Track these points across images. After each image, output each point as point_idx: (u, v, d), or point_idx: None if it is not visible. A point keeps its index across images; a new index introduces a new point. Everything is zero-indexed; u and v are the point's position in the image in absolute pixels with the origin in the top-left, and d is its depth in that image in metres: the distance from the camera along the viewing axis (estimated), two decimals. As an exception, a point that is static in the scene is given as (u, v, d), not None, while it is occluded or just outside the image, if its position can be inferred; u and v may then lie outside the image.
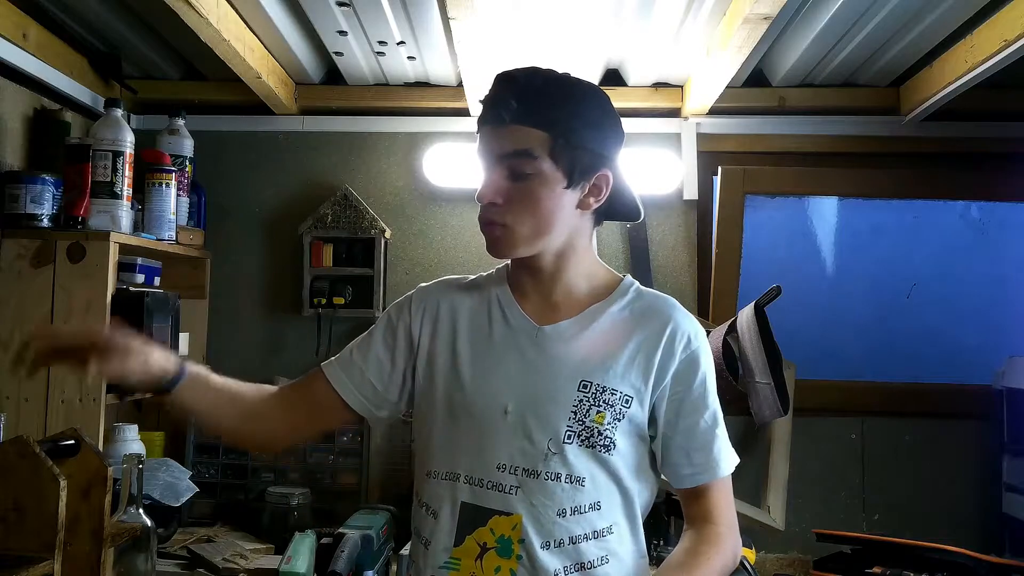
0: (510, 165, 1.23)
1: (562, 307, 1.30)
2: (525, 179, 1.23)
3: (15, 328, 2.06)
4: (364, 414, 1.36)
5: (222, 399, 1.34)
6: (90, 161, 2.11)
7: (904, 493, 2.59)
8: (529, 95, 1.23)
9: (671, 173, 2.64)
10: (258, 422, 1.38)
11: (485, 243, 1.29)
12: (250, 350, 2.71)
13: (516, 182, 1.23)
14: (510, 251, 1.28)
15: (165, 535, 2.15)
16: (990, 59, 2.00)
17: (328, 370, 1.37)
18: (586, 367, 1.25)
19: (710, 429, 1.27)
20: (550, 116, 1.23)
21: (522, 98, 1.22)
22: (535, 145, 1.22)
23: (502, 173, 1.24)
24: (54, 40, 2.24)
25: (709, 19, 2.11)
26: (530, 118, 1.22)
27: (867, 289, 2.78)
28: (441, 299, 1.35)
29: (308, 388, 1.38)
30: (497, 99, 1.24)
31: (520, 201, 1.24)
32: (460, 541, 1.22)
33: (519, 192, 1.23)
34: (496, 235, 1.26)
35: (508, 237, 1.25)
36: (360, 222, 2.63)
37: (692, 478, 1.27)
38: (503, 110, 1.22)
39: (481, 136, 1.27)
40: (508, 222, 1.24)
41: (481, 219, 1.27)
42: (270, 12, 2.14)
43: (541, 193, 1.23)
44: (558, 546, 1.21)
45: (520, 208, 1.24)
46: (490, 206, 1.25)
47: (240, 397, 1.36)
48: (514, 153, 1.22)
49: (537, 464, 1.21)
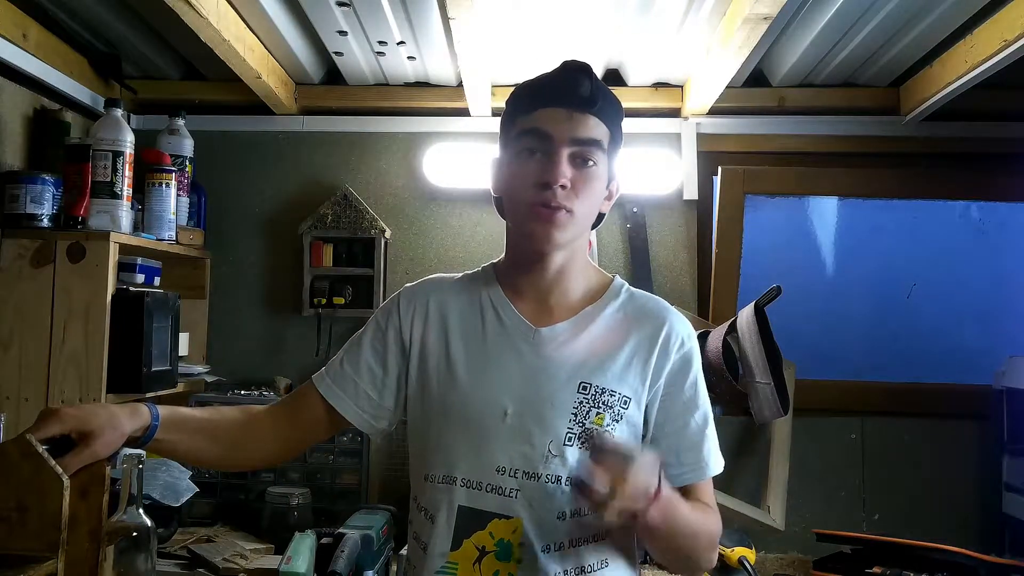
0: (582, 152, 1.22)
1: (557, 309, 1.29)
2: (589, 167, 1.22)
3: (15, 328, 2.06)
4: (364, 429, 1.34)
5: (200, 438, 1.30)
6: (90, 161, 2.11)
7: (904, 493, 2.59)
8: (602, 90, 1.24)
9: (671, 173, 2.64)
10: (246, 449, 1.35)
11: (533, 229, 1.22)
12: (250, 350, 2.71)
13: (579, 169, 1.22)
14: (565, 239, 1.24)
15: (165, 535, 2.15)
16: (990, 59, 2.00)
17: (321, 385, 1.34)
18: (585, 369, 1.24)
19: (700, 430, 1.27)
20: (614, 114, 1.26)
21: (598, 91, 1.23)
22: (603, 138, 1.23)
23: (568, 158, 1.22)
24: (54, 40, 2.24)
25: (709, 19, 2.11)
26: (604, 112, 1.23)
27: (867, 289, 2.78)
28: (430, 298, 1.33)
29: (302, 404, 1.35)
30: (576, 85, 1.22)
31: (585, 189, 1.22)
32: (457, 545, 1.21)
33: (584, 180, 1.22)
34: (560, 219, 1.21)
35: (569, 224, 1.22)
36: (360, 222, 2.63)
37: (680, 478, 1.26)
38: (585, 96, 1.22)
39: (546, 117, 1.23)
40: (573, 207, 1.22)
41: (543, 200, 1.21)
42: (270, 12, 2.14)
43: (598, 186, 1.25)
44: (558, 549, 1.20)
45: (584, 196, 1.22)
46: (561, 188, 1.21)
47: (221, 430, 1.33)
48: (590, 141, 1.22)
49: (537, 467, 1.20)
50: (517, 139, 1.25)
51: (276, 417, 1.35)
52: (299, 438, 1.38)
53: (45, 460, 1.09)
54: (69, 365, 2.05)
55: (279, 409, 1.37)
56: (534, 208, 1.22)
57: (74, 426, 1.15)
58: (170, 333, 2.28)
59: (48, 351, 2.05)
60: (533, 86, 1.27)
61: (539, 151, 1.22)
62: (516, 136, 1.25)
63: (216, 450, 1.32)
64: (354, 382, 1.32)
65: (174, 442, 1.27)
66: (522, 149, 1.24)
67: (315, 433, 1.38)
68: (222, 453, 1.33)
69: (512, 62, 2.46)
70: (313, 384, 1.35)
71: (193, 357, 2.61)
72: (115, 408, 1.21)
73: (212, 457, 1.35)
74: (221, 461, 1.41)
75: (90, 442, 1.15)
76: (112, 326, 2.07)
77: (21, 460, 1.09)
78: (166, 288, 2.44)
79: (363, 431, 1.35)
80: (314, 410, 1.34)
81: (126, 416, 1.20)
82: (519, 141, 1.24)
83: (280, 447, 1.37)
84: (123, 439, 1.19)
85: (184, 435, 1.28)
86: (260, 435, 1.35)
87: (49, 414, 1.15)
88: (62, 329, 2.05)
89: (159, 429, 1.23)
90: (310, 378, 1.37)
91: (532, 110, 1.24)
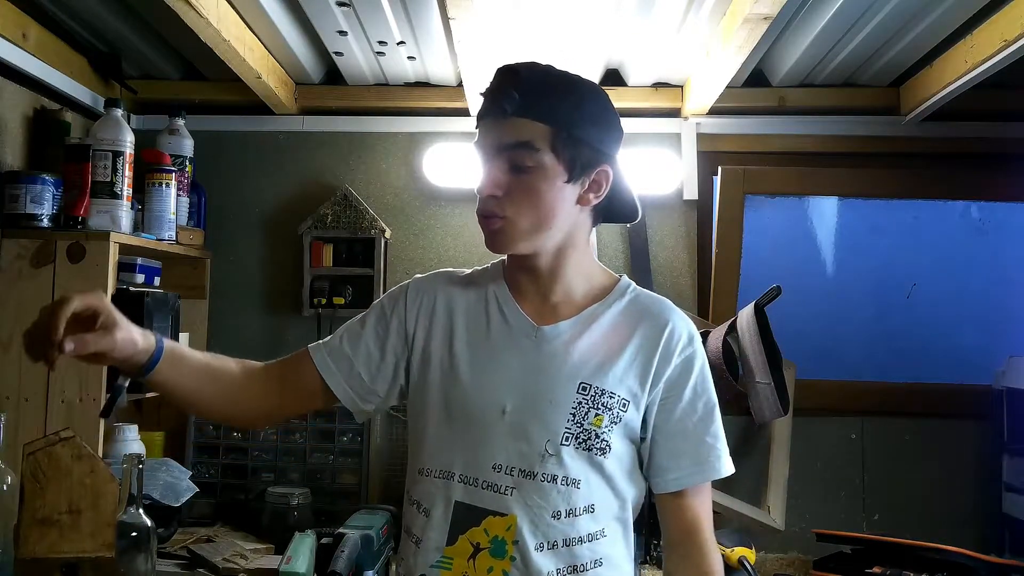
0: (511, 157, 1.22)
1: (561, 307, 1.29)
2: (526, 172, 1.21)
3: (15, 328, 2.06)
4: (349, 406, 1.34)
5: (203, 377, 1.29)
6: (90, 161, 2.11)
7: (904, 493, 2.59)
8: (531, 88, 1.22)
9: (671, 173, 2.64)
10: (240, 401, 1.34)
11: (484, 237, 1.27)
12: (250, 350, 2.65)
13: (517, 175, 1.22)
14: (510, 245, 1.25)
15: (165, 535, 2.15)
16: (990, 59, 2.00)
17: (316, 356, 1.33)
18: (586, 369, 1.24)
19: (700, 432, 1.27)
20: (552, 109, 1.21)
21: (524, 90, 1.21)
22: (537, 137, 1.21)
23: (502, 166, 1.22)
24: (54, 40, 2.24)
25: (709, 19, 2.11)
26: (532, 110, 1.21)
27: (867, 289, 2.78)
28: (438, 293, 1.33)
29: (294, 370, 1.35)
30: (499, 91, 1.23)
31: (521, 194, 1.22)
32: (453, 540, 1.21)
33: (520, 185, 1.22)
34: (496, 228, 1.24)
35: (508, 230, 1.23)
36: (360, 222, 2.63)
37: (678, 481, 1.26)
38: (505, 102, 1.21)
39: (481, 128, 1.26)
40: (509, 215, 1.22)
41: (480, 212, 1.25)
42: (270, 12, 2.14)
43: (542, 186, 1.22)
44: (552, 548, 1.20)
45: (521, 201, 1.22)
46: (490, 198, 1.23)
47: (222, 374, 1.32)
48: (515, 145, 1.21)
49: (534, 465, 1.21)
50: None
51: (268, 376, 1.35)
52: (286, 404, 1.38)
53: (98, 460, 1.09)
54: (69, 365, 2.01)
55: (273, 369, 1.36)
56: (480, 216, 1.26)
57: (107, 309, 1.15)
58: (170, 333, 2.28)
59: (48, 351, 2.05)
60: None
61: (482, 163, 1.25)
62: None
63: (215, 395, 1.31)
64: (349, 360, 1.32)
65: (175, 379, 1.26)
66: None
67: (302, 401, 1.38)
68: (219, 401, 1.32)
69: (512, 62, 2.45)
70: (308, 353, 1.34)
71: (193, 357, 2.60)
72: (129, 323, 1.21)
73: (209, 402, 1.33)
74: (215, 410, 1.39)
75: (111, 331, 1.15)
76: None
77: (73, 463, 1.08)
78: (166, 288, 2.44)
79: (348, 408, 1.34)
80: (305, 378, 1.33)
81: (137, 331, 1.20)
82: None
83: (268, 407, 1.37)
84: (135, 347, 1.18)
85: (186, 374, 1.27)
86: (254, 390, 1.34)
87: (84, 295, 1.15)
88: (62, 329, 2.05)
89: (163, 359, 1.22)
90: (306, 346, 1.36)
91: (477, 125, 1.27)
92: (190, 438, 2.54)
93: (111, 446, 2.18)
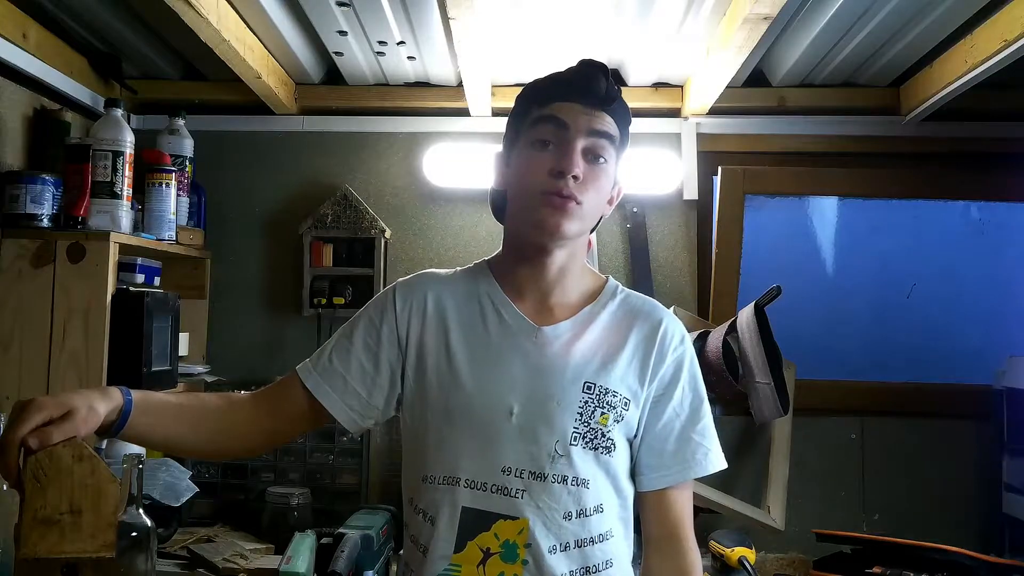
0: (595, 146, 1.23)
1: (557, 308, 1.29)
2: (601, 164, 1.24)
3: (15, 328, 2.06)
4: (349, 427, 1.29)
5: (183, 419, 1.24)
6: (90, 161, 2.11)
7: (904, 493, 2.59)
8: (617, 91, 1.26)
9: (671, 173, 2.64)
10: (230, 433, 1.29)
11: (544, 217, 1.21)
12: (250, 350, 2.71)
13: (593, 163, 1.24)
14: (572, 230, 1.23)
15: (165, 535, 2.15)
16: (990, 59, 2.00)
17: (308, 380, 1.29)
18: (589, 369, 1.24)
19: (687, 430, 1.27)
20: (625, 119, 1.28)
21: (614, 91, 1.25)
22: (616, 137, 1.25)
23: (581, 152, 1.23)
24: (54, 40, 2.24)
25: (709, 19, 2.11)
26: (617, 112, 1.26)
27: (867, 289, 2.78)
28: (427, 292, 1.31)
29: (284, 396, 1.31)
30: (596, 82, 1.24)
31: (593, 182, 1.23)
32: (461, 547, 1.19)
33: (593, 174, 1.23)
34: (570, 209, 1.21)
35: (578, 215, 1.23)
36: (360, 222, 2.63)
37: (662, 479, 1.26)
38: (608, 91, 1.24)
39: (564, 110, 1.23)
40: (583, 200, 1.22)
41: (557, 189, 1.21)
42: (270, 12, 2.14)
43: (606, 182, 1.26)
44: (565, 550, 1.19)
45: (592, 189, 1.23)
46: (573, 179, 1.21)
47: (204, 412, 1.27)
48: (605, 135, 1.24)
49: (544, 467, 1.20)
50: (532, 127, 1.25)
51: (258, 406, 1.30)
52: (280, 430, 1.33)
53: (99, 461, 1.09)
54: (69, 365, 2.05)
55: (261, 399, 1.32)
56: (547, 196, 1.21)
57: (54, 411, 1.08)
58: (170, 333, 2.28)
59: (48, 351, 2.05)
60: (551, 79, 1.28)
61: (553, 142, 1.23)
62: (531, 124, 1.25)
63: (195, 438, 1.26)
64: (343, 378, 1.28)
65: (151, 427, 1.20)
66: (535, 140, 1.24)
67: (297, 425, 1.34)
68: (201, 441, 1.27)
69: (512, 62, 2.46)
70: (298, 376, 1.30)
71: (193, 357, 2.61)
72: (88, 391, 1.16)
73: (191, 446, 1.28)
74: (200, 449, 1.35)
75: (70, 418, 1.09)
76: (112, 326, 2.07)
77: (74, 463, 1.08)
78: (166, 288, 2.44)
79: (347, 428, 1.31)
80: (297, 403, 1.29)
81: (98, 398, 1.14)
82: (533, 129, 1.24)
83: (262, 438, 1.33)
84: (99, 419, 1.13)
85: (161, 421, 1.22)
86: (241, 425, 1.29)
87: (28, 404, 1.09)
88: (62, 329, 2.05)
89: (133, 414, 1.16)
90: (294, 369, 1.32)
91: (549, 102, 1.25)
92: (190, 438, 2.54)
93: (111, 446, 2.17)
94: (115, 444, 2.20)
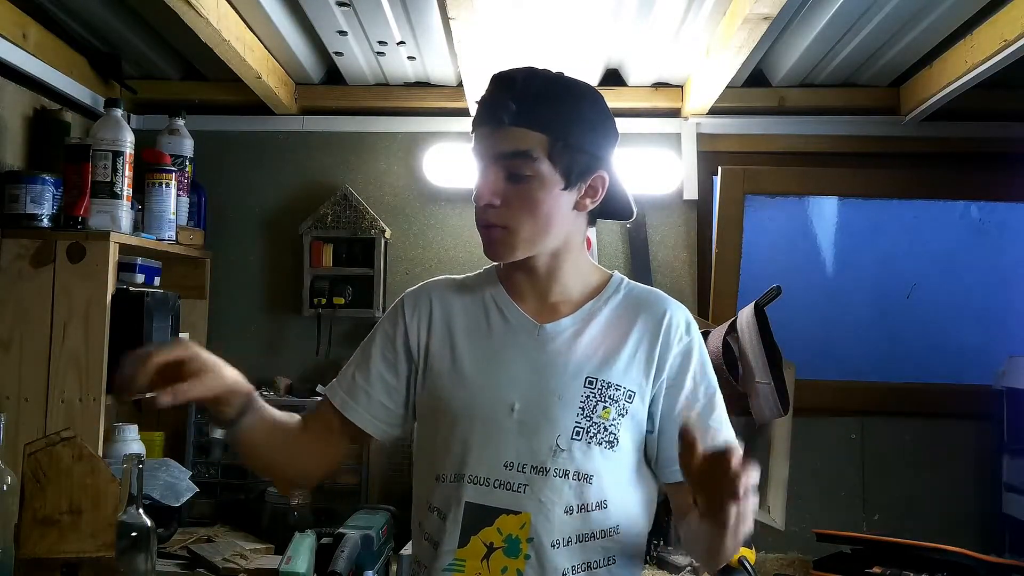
0: (508, 166, 1.22)
1: (559, 306, 1.30)
2: (524, 180, 1.22)
3: (15, 328, 2.06)
4: (380, 437, 1.35)
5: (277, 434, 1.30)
6: (90, 161, 2.11)
7: (904, 493, 2.59)
8: (528, 97, 1.22)
9: (671, 173, 2.64)
10: (298, 459, 1.35)
11: (483, 245, 1.27)
12: (250, 350, 2.70)
13: (515, 183, 1.22)
14: (509, 254, 1.26)
15: (165, 535, 2.15)
16: (990, 59, 2.00)
17: (334, 398, 1.34)
18: (590, 364, 1.25)
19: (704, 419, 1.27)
20: (549, 118, 1.22)
21: (521, 99, 1.21)
22: (534, 147, 1.21)
23: (500, 174, 1.23)
24: (54, 40, 2.24)
25: (709, 19, 2.11)
26: (529, 120, 1.21)
27: (867, 289, 2.78)
28: (433, 300, 1.34)
29: (320, 418, 1.36)
30: (495, 100, 1.23)
31: (519, 203, 1.23)
32: (465, 542, 1.21)
33: (518, 194, 1.23)
34: (495, 237, 1.25)
35: (508, 239, 1.24)
36: (360, 222, 2.63)
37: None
38: (502, 111, 1.21)
39: (477, 137, 1.26)
40: (508, 224, 1.23)
41: (479, 220, 1.26)
42: (270, 12, 2.14)
43: (540, 195, 1.23)
44: (566, 545, 1.20)
45: (519, 210, 1.23)
46: (488, 207, 1.24)
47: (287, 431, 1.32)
48: (513, 154, 1.22)
49: (546, 461, 1.21)
50: None
51: (310, 430, 1.35)
52: (328, 452, 1.38)
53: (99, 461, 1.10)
54: (69, 365, 2.05)
55: (310, 422, 1.36)
56: (479, 226, 1.26)
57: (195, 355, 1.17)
58: (170, 333, 2.28)
59: (48, 351, 2.05)
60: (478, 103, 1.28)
61: (479, 171, 1.25)
62: None
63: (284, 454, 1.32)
64: (367, 392, 1.33)
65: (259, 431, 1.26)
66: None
67: (338, 444, 1.38)
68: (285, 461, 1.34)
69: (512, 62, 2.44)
70: (327, 398, 1.35)
71: (193, 357, 2.60)
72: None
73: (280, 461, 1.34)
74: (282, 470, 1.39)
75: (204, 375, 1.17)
76: (112, 326, 2.07)
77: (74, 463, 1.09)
78: (166, 288, 2.44)
79: (380, 440, 1.35)
80: (331, 422, 1.34)
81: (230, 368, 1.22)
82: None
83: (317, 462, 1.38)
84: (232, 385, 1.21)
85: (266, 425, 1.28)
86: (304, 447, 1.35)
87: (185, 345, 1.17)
88: (62, 329, 2.05)
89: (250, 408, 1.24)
90: (324, 394, 1.37)
91: (474, 130, 1.27)
92: (190, 438, 2.54)
93: (111, 446, 2.17)
94: (115, 444, 2.20)
